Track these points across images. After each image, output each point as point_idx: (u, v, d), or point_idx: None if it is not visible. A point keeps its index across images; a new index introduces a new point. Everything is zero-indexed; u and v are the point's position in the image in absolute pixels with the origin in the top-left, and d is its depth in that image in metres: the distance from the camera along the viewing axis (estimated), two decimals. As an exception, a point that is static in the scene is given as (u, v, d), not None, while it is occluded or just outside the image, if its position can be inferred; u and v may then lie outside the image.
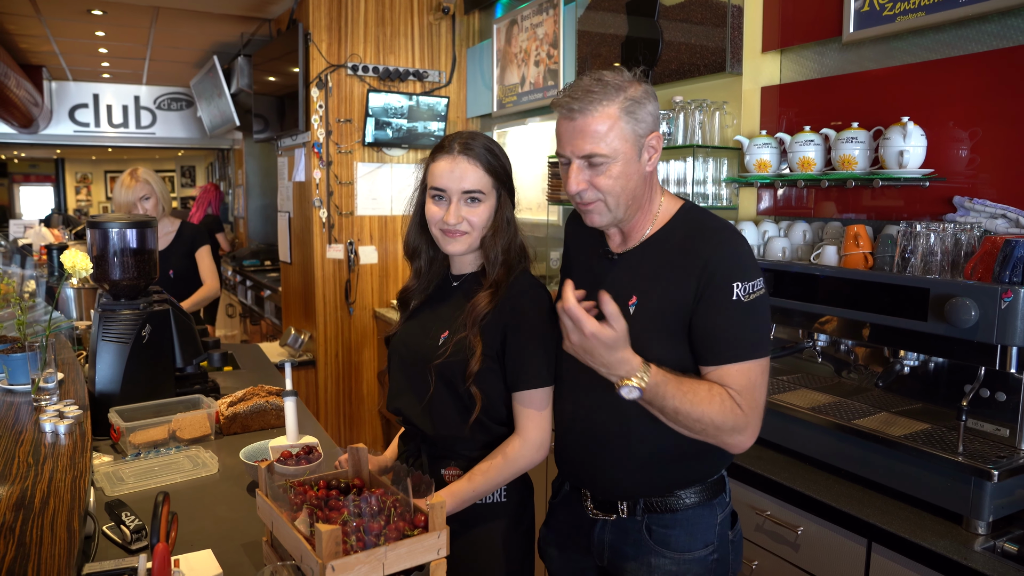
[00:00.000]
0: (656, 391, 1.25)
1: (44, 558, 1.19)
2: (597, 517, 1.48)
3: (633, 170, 1.35)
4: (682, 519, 1.41)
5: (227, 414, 2.12)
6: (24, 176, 14.40)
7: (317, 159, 4.24)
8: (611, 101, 1.31)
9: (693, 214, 1.43)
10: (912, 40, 2.07)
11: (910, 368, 1.77)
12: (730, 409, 1.27)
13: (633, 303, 1.37)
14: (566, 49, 3.52)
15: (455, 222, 1.49)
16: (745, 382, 1.29)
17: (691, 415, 1.27)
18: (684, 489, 1.41)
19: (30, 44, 5.98)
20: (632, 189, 1.36)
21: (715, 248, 1.32)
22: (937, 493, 1.60)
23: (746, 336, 1.30)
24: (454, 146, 1.51)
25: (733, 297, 1.28)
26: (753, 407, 1.30)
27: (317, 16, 4.14)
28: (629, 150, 1.33)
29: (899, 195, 2.09)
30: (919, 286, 1.63)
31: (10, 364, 2.15)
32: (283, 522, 1.25)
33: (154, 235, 2.22)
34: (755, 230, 2.28)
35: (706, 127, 2.55)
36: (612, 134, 1.31)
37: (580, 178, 1.34)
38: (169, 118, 8.08)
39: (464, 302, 1.53)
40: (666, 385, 1.26)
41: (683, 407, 1.26)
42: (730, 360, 1.30)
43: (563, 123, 1.36)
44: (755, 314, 1.31)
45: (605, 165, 1.33)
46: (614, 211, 1.37)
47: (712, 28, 2.55)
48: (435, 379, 1.51)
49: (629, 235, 1.44)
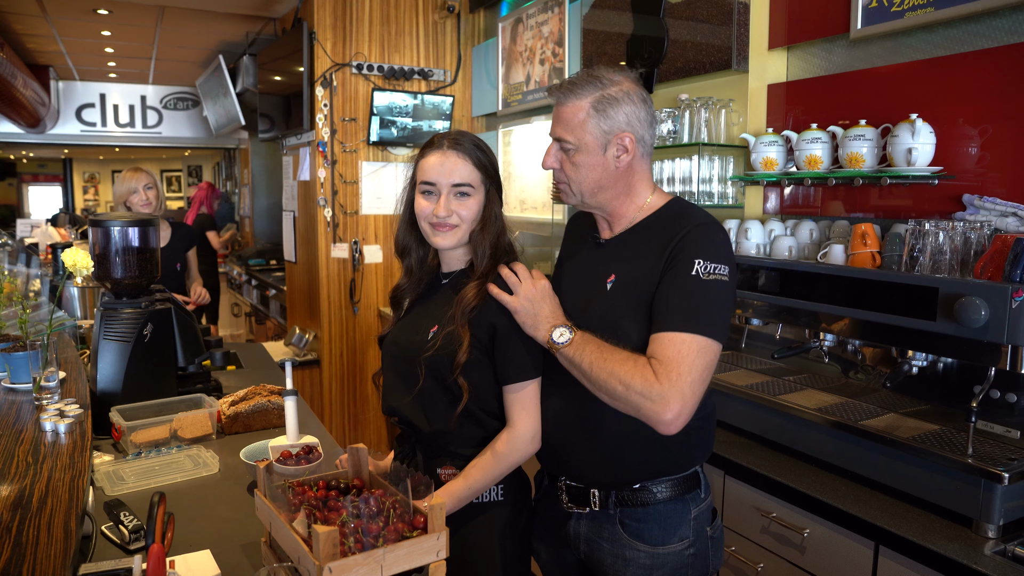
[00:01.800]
0: (583, 345, 1.36)
1: (40, 558, 1.18)
2: (571, 510, 1.51)
3: (596, 162, 1.43)
4: (654, 513, 1.43)
5: (229, 413, 2.11)
6: (33, 176, 14.48)
7: (322, 158, 4.23)
8: (587, 95, 1.41)
9: (680, 206, 1.48)
10: (921, 36, 2.04)
11: (919, 368, 1.75)
12: (641, 373, 1.28)
13: (611, 280, 1.43)
14: (571, 47, 3.50)
15: (445, 215, 1.51)
16: (672, 353, 1.28)
17: (604, 369, 1.32)
18: (655, 482, 1.43)
19: (37, 44, 5.99)
20: (596, 179, 1.44)
21: (691, 232, 1.37)
22: (946, 496, 1.57)
23: (689, 309, 1.31)
24: (443, 142, 1.54)
25: (692, 272, 1.32)
26: (673, 380, 1.26)
27: (322, 15, 4.13)
28: (592, 143, 1.42)
29: (908, 193, 2.07)
30: (928, 285, 1.60)
31: (12, 363, 2.14)
32: (281, 523, 1.24)
33: (156, 234, 2.21)
34: (761, 229, 2.26)
35: (712, 125, 2.53)
36: (579, 126, 1.41)
37: (554, 157, 1.47)
38: (175, 118, 8.10)
39: (453, 297, 1.54)
40: (591, 342, 1.36)
41: (597, 362, 1.33)
42: (666, 328, 1.30)
43: (554, 108, 1.47)
44: (707, 293, 1.31)
45: (571, 151, 1.44)
46: (577, 194, 1.47)
47: (718, 25, 2.52)
48: (424, 372, 1.52)
49: (615, 223, 1.51)
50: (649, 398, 1.27)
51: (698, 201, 2.53)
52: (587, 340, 1.36)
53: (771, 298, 2.01)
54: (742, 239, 2.26)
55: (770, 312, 2.04)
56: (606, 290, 1.43)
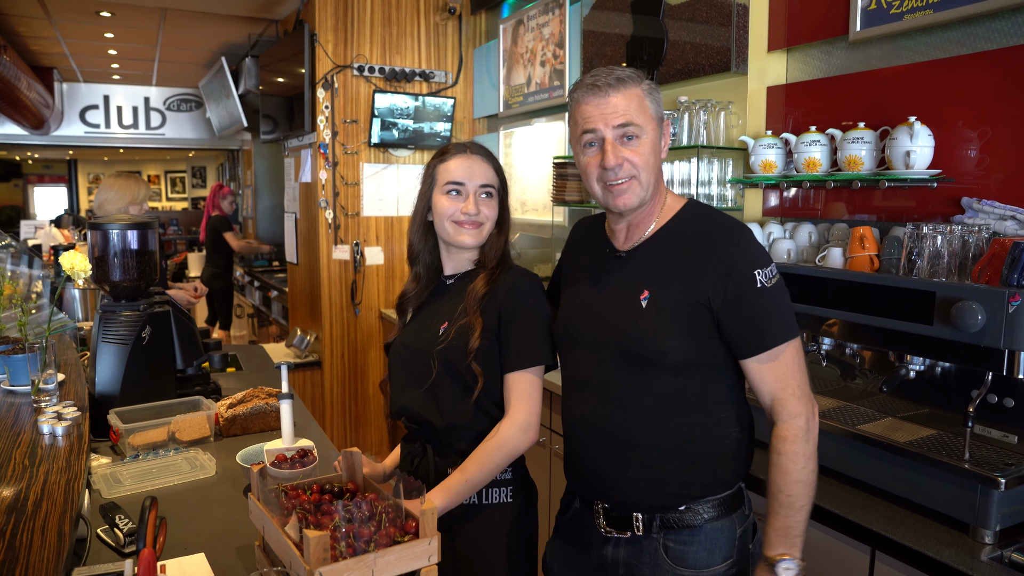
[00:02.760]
0: (786, 535, 1.32)
1: (33, 562, 1.19)
2: (610, 535, 1.43)
3: (657, 149, 1.40)
4: (700, 536, 1.37)
5: (227, 416, 2.11)
6: (39, 177, 14.53)
7: (323, 160, 4.24)
8: (637, 83, 1.38)
9: (700, 210, 1.45)
10: (920, 38, 2.03)
11: (916, 373, 1.74)
12: (800, 444, 1.30)
13: (645, 297, 1.37)
14: (572, 49, 3.49)
15: (475, 212, 1.54)
16: (783, 371, 1.32)
17: (805, 488, 1.31)
18: (700, 502, 1.37)
19: (41, 46, 6.02)
20: (657, 168, 1.40)
21: (730, 241, 1.35)
22: (943, 501, 1.56)
23: (775, 320, 1.32)
24: (464, 148, 1.60)
25: (757, 285, 1.31)
26: (801, 395, 1.32)
27: (323, 17, 4.14)
28: (654, 128, 1.39)
29: (907, 196, 2.06)
30: (925, 289, 1.59)
31: (11, 365, 2.15)
32: (274, 527, 1.24)
33: (155, 236, 2.22)
34: (760, 231, 2.25)
35: (711, 127, 2.52)
36: (643, 110, 1.37)
37: (616, 152, 1.36)
38: (179, 119, 8.12)
39: (461, 295, 1.57)
40: (778, 518, 1.32)
41: (798, 496, 1.31)
42: (764, 347, 1.31)
43: (592, 101, 1.37)
44: (779, 297, 1.33)
45: (638, 139, 1.36)
46: (645, 188, 1.38)
47: (717, 27, 2.52)
48: (438, 364, 1.53)
49: (635, 230, 1.45)
50: (809, 432, 1.32)
51: (697, 203, 2.53)
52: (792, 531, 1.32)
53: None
54: (741, 242, 2.25)
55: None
56: (641, 308, 1.36)
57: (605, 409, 1.41)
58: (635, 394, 1.37)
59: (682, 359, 1.33)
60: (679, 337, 1.33)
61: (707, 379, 1.36)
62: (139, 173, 13.17)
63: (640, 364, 1.36)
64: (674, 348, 1.33)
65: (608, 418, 1.40)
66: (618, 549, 1.42)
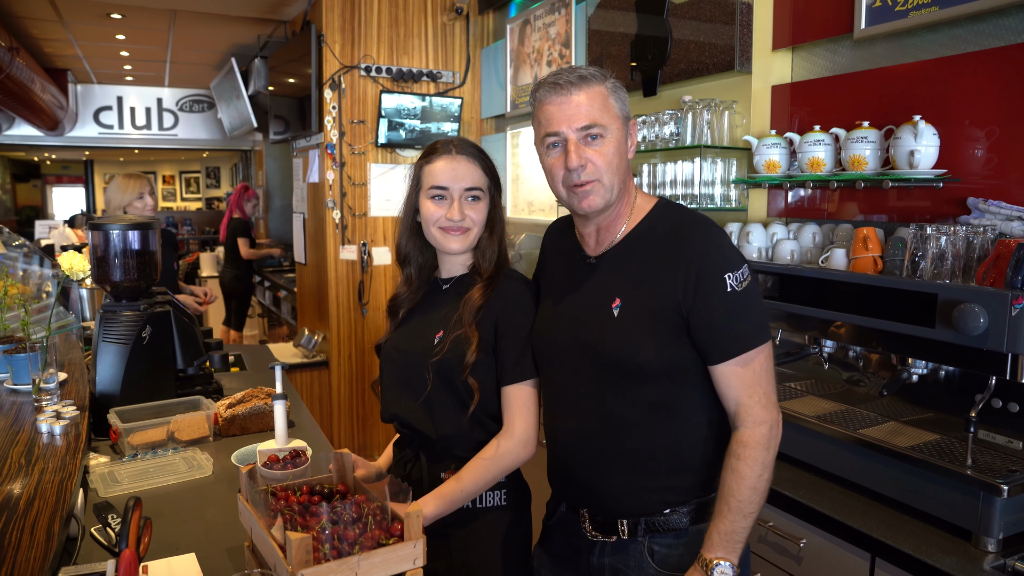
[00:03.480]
0: (724, 540, 1.28)
1: (19, 561, 1.19)
2: (596, 539, 1.41)
3: (623, 148, 1.37)
4: (686, 539, 1.35)
5: (226, 416, 2.11)
6: (57, 177, 14.72)
7: (330, 160, 4.24)
8: (600, 81, 1.35)
9: (670, 210, 1.41)
10: (926, 36, 2.00)
11: (919, 376, 1.71)
12: (755, 452, 1.28)
13: (617, 305, 1.34)
14: (578, 49, 3.48)
15: (459, 218, 1.50)
16: (751, 377, 1.29)
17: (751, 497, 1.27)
18: (685, 505, 1.36)
19: (55, 48, 6.08)
20: (623, 169, 1.37)
21: (699, 243, 1.31)
22: (945, 508, 1.53)
23: (744, 326, 1.29)
24: (450, 147, 1.54)
25: (728, 289, 1.28)
26: (765, 403, 1.30)
27: (330, 18, 4.14)
28: (619, 127, 1.36)
29: (912, 196, 2.02)
30: (926, 291, 1.56)
31: (14, 364, 2.17)
32: (260, 529, 1.24)
33: (155, 237, 2.22)
34: (763, 232, 2.23)
35: (715, 127, 2.50)
36: (606, 109, 1.34)
37: (579, 153, 1.32)
38: (191, 120, 8.18)
39: (456, 302, 1.53)
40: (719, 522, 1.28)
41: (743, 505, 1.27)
42: (733, 353, 1.29)
43: (555, 101, 1.34)
44: (750, 301, 1.30)
45: (601, 139, 1.33)
46: (609, 190, 1.35)
47: (721, 26, 2.49)
48: (433, 376, 1.50)
49: (605, 234, 1.42)
50: (771, 440, 1.29)
51: (700, 204, 2.50)
52: (723, 541, 1.28)
53: (769, 303, 1.97)
54: (743, 242, 2.23)
55: (769, 317, 2.01)
56: (613, 316, 1.34)
57: (587, 421, 1.39)
58: (616, 405, 1.35)
59: (658, 367, 1.31)
60: (652, 345, 1.30)
61: (686, 385, 1.34)
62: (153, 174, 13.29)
63: (617, 374, 1.34)
64: (648, 356, 1.30)
65: (591, 430, 1.38)
66: (604, 553, 1.41)
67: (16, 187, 13.80)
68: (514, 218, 4.19)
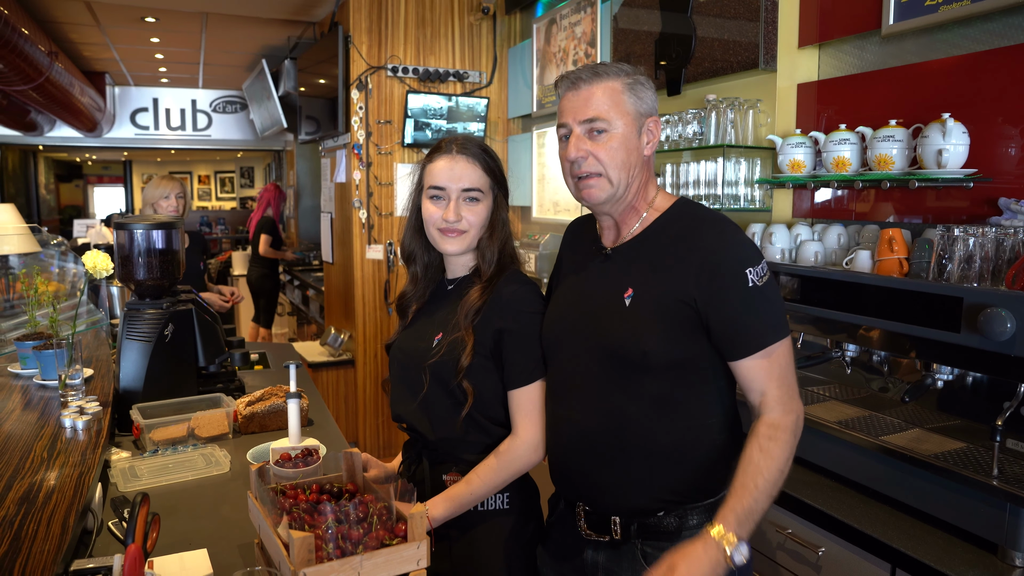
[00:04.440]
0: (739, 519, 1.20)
1: (34, 553, 1.21)
2: (590, 538, 1.40)
3: (632, 146, 1.34)
4: (679, 543, 1.29)
5: (245, 413, 2.14)
6: (98, 178, 15.13)
7: (357, 160, 4.28)
8: (615, 76, 1.34)
9: (689, 208, 1.40)
10: (956, 31, 1.94)
11: (944, 382, 1.65)
12: (784, 436, 1.26)
13: (629, 295, 1.34)
14: (603, 48, 3.45)
15: (455, 219, 1.49)
16: (777, 372, 1.28)
17: (775, 480, 1.24)
18: (681, 508, 1.33)
19: (93, 52, 6.24)
20: (631, 165, 1.35)
21: (718, 238, 1.30)
22: (969, 519, 1.48)
23: (767, 320, 1.28)
24: (451, 147, 1.52)
25: (749, 284, 1.26)
26: (791, 394, 1.29)
27: (357, 19, 4.18)
28: (629, 124, 1.33)
29: (941, 197, 1.96)
30: (951, 295, 1.51)
31: (43, 360, 2.22)
32: (267, 527, 1.24)
33: (179, 236, 2.26)
34: (787, 233, 2.18)
35: (738, 126, 2.45)
36: (615, 104, 1.32)
37: (581, 145, 1.33)
38: (224, 120, 8.32)
39: (457, 303, 1.52)
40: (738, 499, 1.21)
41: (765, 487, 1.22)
42: (757, 348, 1.27)
43: (567, 96, 1.36)
44: (770, 297, 1.29)
45: (606, 134, 1.32)
46: (615, 185, 1.34)
47: (746, 22, 2.44)
48: (429, 378, 1.50)
49: (623, 227, 1.41)
50: (798, 430, 1.28)
51: (723, 204, 2.46)
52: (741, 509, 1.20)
53: (792, 305, 1.93)
54: (766, 243, 2.18)
55: (791, 319, 1.97)
56: (625, 307, 1.33)
57: (590, 412, 1.37)
58: (620, 398, 1.33)
59: (665, 360, 1.29)
60: (662, 337, 1.29)
61: (694, 382, 1.32)
62: (189, 174, 13.55)
63: (624, 365, 1.33)
64: (656, 348, 1.28)
65: (593, 422, 1.37)
66: (598, 553, 1.39)
67: (60, 187, 14.19)
68: (540, 218, 4.18)
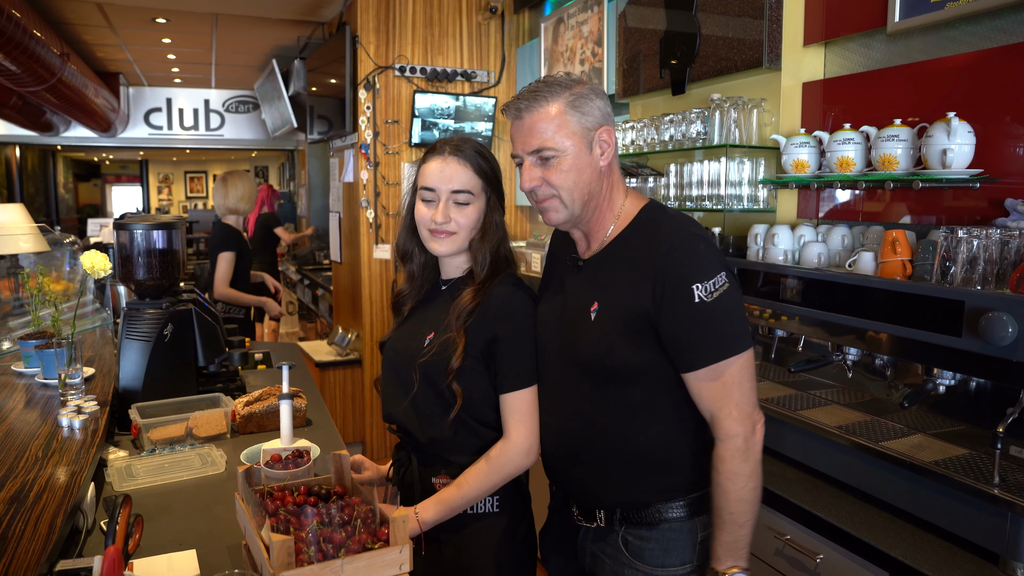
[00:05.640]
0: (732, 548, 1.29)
1: (19, 553, 1.22)
2: (581, 523, 1.47)
3: (585, 163, 1.35)
4: (658, 534, 1.37)
5: (243, 413, 2.14)
6: (115, 177, 15.32)
7: (364, 160, 4.28)
8: (556, 97, 1.33)
9: (654, 214, 1.40)
10: (964, 28, 1.90)
11: (946, 387, 1.62)
12: (739, 455, 1.27)
13: (595, 309, 1.37)
14: (610, 46, 3.42)
15: (443, 221, 1.49)
16: (724, 389, 1.27)
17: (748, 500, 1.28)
18: (664, 502, 1.36)
19: (106, 53, 6.29)
20: (587, 183, 1.36)
21: (669, 251, 1.30)
22: (970, 527, 1.44)
23: (714, 336, 1.27)
24: (444, 148, 1.52)
25: (695, 300, 1.26)
26: (744, 410, 1.28)
27: (365, 19, 4.17)
28: (578, 143, 1.34)
29: (946, 197, 1.92)
30: (952, 298, 1.48)
31: (44, 359, 2.24)
32: (252, 529, 1.24)
33: (179, 236, 2.26)
34: (790, 234, 2.15)
35: (742, 126, 2.42)
36: (559, 127, 1.33)
37: (533, 175, 1.35)
38: (237, 120, 8.37)
39: (450, 304, 1.52)
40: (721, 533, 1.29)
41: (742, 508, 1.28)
42: (703, 363, 1.27)
43: (514, 125, 1.38)
44: (721, 312, 1.27)
45: (556, 159, 1.34)
46: (570, 207, 1.37)
47: (750, 20, 2.41)
48: (419, 377, 1.50)
49: (592, 238, 1.44)
50: (747, 452, 1.28)
51: (727, 205, 2.43)
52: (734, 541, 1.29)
53: (793, 308, 1.90)
54: (769, 245, 2.15)
55: (795, 321, 1.94)
56: (591, 320, 1.36)
57: (565, 419, 1.42)
58: (594, 405, 1.37)
59: (629, 371, 1.32)
60: (626, 349, 1.32)
61: (662, 389, 1.34)
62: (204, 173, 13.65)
63: (594, 375, 1.36)
64: (621, 361, 1.32)
65: (567, 428, 1.42)
66: (587, 537, 1.47)
67: (78, 186, 14.37)
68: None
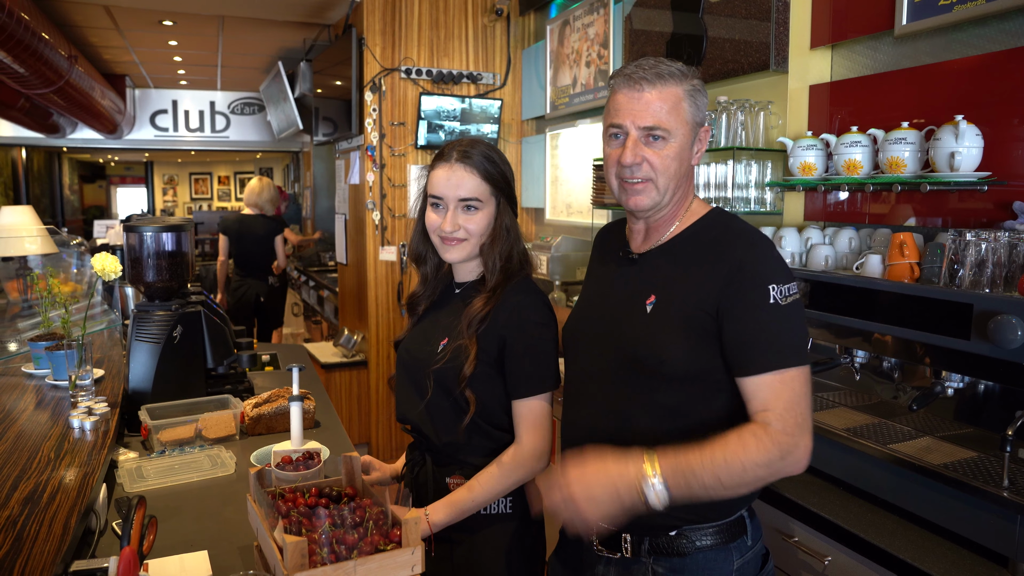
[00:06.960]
0: (677, 466, 1.15)
1: (35, 554, 1.23)
2: (601, 554, 1.36)
3: (686, 155, 1.31)
4: (692, 563, 1.28)
5: (252, 415, 2.15)
6: (121, 178, 15.37)
7: (370, 162, 4.29)
8: (679, 82, 1.29)
9: (723, 217, 1.36)
10: (972, 31, 1.90)
11: (955, 390, 1.62)
12: (768, 442, 1.15)
13: (651, 301, 1.30)
14: (616, 49, 3.43)
15: (451, 229, 1.49)
16: (789, 396, 1.18)
17: (732, 469, 1.14)
18: (694, 527, 1.28)
19: (113, 55, 6.32)
20: (681, 175, 1.32)
21: (747, 249, 1.25)
22: (979, 530, 1.44)
23: (784, 341, 1.20)
24: (452, 154, 1.52)
25: (770, 300, 1.20)
26: (799, 423, 1.18)
27: (371, 21, 4.19)
28: (687, 133, 1.30)
29: (954, 200, 1.92)
30: (961, 301, 1.48)
31: (55, 361, 2.25)
32: (264, 530, 1.25)
33: (188, 238, 2.27)
34: (797, 237, 2.15)
35: (749, 128, 2.43)
36: (676, 112, 1.28)
37: (637, 151, 1.28)
38: (242, 122, 8.40)
39: (463, 309, 1.52)
40: (685, 454, 1.15)
41: (719, 465, 1.14)
42: (768, 368, 1.19)
43: (625, 93, 1.29)
44: (794, 319, 1.22)
45: (664, 142, 1.28)
46: (662, 193, 1.31)
47: (757, 23, 2.42)
48: (433, 384, 1.51)
49: (654, 232, 1.38)
50: (787, 454, 1.16)
51: (734, 207, 2.43)
52: (675, 456, 1.15)
53: (800, 310, 1.90)
54: (777, 247, 2.15)
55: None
56: (645, 312, 1.29)
57: (600, 418, 1.34)
58: (631, 405, 1.30)
59: (681, 370, 1.25)
60: (680, 346, 1.25)
61: (709, 395, 1.27)
62: (209, 175, 13.69)
63: (638, 372, 1.29)
64: (673, 357, 1.25)
65: (602, 429, 1.33)
66: (609, 570, 1.35)
67: (83, 188, 14.42)
68: (553, 220, 4.17)
